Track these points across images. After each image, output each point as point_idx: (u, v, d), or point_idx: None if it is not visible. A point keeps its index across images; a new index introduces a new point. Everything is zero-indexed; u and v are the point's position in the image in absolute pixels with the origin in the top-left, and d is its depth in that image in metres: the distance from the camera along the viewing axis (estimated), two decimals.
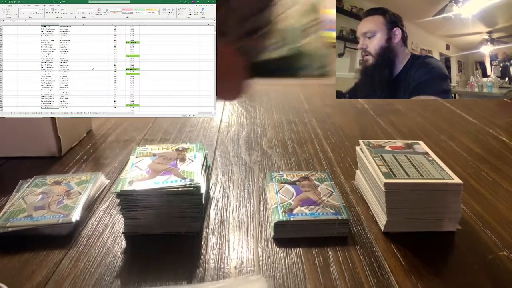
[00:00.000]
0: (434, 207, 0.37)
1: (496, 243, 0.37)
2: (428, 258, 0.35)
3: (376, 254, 0.35)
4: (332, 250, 0.35)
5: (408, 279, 0.32)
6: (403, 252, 0.35)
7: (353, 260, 0.34)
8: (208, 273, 0.33)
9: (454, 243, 0.37)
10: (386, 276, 0.33)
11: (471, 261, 0.34)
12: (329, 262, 0.34)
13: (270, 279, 0.32)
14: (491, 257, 0.35)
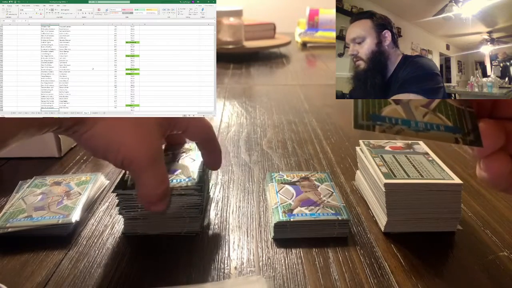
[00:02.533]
0: (434, 207, 0.37)
1: (496, 243, 0.37)
2: (428, 258, 0.35)
3: (377, 255, 0.35)
4: (332, 251, 0.35)
5: (409, 280, 0.32)
6: (404, 252, 0.35)
7: (354, 261, 0.34)
8: (208, 274, 0.33)
9: (454, 243, 0.37)
10: (386, 276, 0.32)
11: (471, 262, 0.34)
12: (329, 262, 0.34)
13: (270, 280, 0.32)
14: (492, 257, 0.35)
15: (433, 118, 0.22)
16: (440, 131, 0.22)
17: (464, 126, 0.22)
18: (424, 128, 0.22)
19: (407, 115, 0.22)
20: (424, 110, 0.22)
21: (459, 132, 0.22)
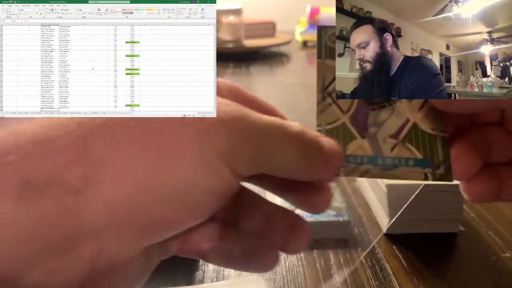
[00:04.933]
0: (436, 208, 0.37)
1: (499, 244, 0.37)
2: (430, 259, 0.34)
3: (378, 256, 0.35)
4: (333, 252, 0.35)
5: (410, 281, 0.32)
6: (405, 253, 0.35)
7: (355, 262, 0.34)
8: (207, 276, 0.33)
9: (456, 245, 0.37)
10: (388, 278, 0.32)
11: (473, 263, 0.34)
12: (330, 264, 0.34)
13: (270, 282, 0.32)
14: (494, 259, 0.35)
15: (402, 151, 0.21)
16: (409, 167, 0.21)
17: (434, 157, 0.21)
18: (392, 164, 0.21)
19: (374, 151, 0.21)
20: (393, 142, 0.21)
21: (428, 166, 0.21)
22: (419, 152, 0.21)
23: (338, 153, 0.19)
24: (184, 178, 0.15)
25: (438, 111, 0.22)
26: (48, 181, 0.14)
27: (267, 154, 0.17)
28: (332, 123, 0.22)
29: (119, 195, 0.15)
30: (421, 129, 0.22)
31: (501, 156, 0.22)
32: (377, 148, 0.21)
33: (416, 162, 0.21)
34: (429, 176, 0.21)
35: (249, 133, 0.17)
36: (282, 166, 0.18)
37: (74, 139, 0.15)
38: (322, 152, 0.19)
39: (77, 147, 0.15)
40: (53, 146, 0.15)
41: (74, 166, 0.14)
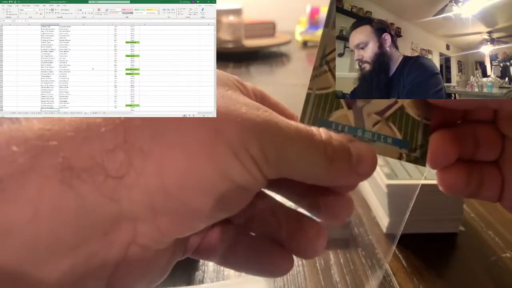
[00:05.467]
0: (436, 208, 0.37)
1: (499, 244, 0.37)
2: (430, 259, 0.34)
3: (378, 256, 0.35)
4: (333, 252, 0.35)
5: (410, 281, 0.32)
6: (405, 253, 0.35)
7: (355, 262, 0.34)
8: (207, 276, 0.33)
9: (456, 245, 0.37)
10: (388, 278, 0.32)
11: (473, 263, 0.34)
12: (330, 264, 0.34)
13: (270, 281, 0.32)
14: (494, 259, 0.35)
15: (383, 129, 0.21)
16: (386, 144, 0.21)
17: (413, 140, 0.21)
18: (370, 138, 0.21)
19: (356, 123, 0.21)
20: (376, 118, 0.22)
21: (406, 147, 0.21)
22: (400, 133, 0.22)
23: (367, 161, 0.19)
24: (221, 172, 0.16)
25: (428, 101, 0.22)
26: (90, 165, 0.14)
27: (293, 160, 0.17)
28: (323, 89, 0.22)
29: (159, 183, 0.15)
30: (407, 112, 0.22)
31: (488, 154, 0.22)
32: (360, 121, 0.22)
33: (394, 141, 0.21)
34: (404, 157, 0.21)
35: (278, 139, 0.17)
36: (308, 173, 0.18)
37: (115, 127, 0.15)
38: (350, 161, 0.19)
39: (118, 134, 0.15)
40: (94, 132, 0.15)
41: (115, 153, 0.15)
